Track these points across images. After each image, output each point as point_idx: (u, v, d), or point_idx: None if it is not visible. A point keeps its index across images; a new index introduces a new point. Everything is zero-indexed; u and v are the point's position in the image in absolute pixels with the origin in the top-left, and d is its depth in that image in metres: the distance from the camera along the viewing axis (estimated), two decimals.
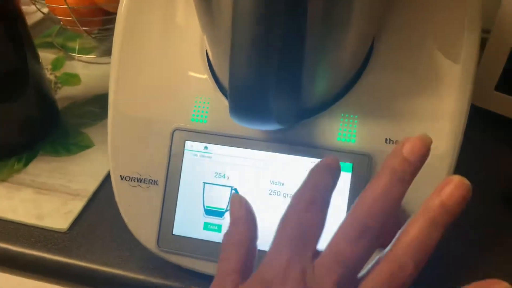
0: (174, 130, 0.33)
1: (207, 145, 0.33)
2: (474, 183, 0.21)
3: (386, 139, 0.31)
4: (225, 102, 0.33)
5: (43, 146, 0.48)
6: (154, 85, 0.34)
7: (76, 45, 0.64)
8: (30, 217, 0.40)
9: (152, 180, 0.34)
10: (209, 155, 0.33)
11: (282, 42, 0.22)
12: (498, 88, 0.45)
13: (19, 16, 0.44)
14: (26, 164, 0.46)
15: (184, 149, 0.33)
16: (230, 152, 0.33)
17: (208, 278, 0.34)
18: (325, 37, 0.27)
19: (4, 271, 0.39)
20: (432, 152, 0.30)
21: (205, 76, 0.33)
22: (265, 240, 0.32)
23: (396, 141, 0.31)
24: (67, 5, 0.53)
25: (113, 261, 0.37)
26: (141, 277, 0.36)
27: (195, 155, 0.33)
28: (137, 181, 0.34)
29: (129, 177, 0.34)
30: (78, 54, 0.62)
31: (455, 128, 0.30)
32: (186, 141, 0.33)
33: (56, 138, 0.49)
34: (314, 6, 0.24)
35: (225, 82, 0.32)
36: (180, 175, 0.33)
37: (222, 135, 0.33)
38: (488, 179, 0.42)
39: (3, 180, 0.44)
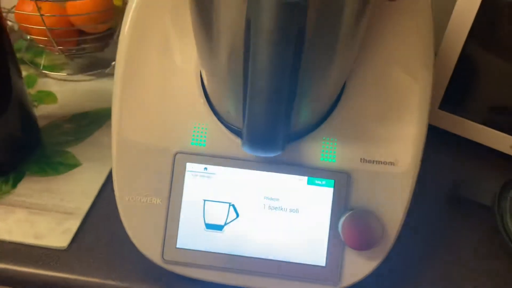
0: (176, 154, 0.37)
1: (207, 166, 0.37)
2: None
3: (361, 159, 0.37)
4: (221, 127, 0.37)
5: (28, 166, 0.49)
6: (155, 113, 0.37)
7: (42, 61, 0.64)
8: (28, 237, 0.42)
9: (156, 200, 0.37)
10: (209, 175, 0.37)
11: (289, 89, 0.27)
12: (441, 107, 0.53)
13: (2, 30, 0.43)
14: (14, 185, 0.47)
15: (185, 170, 0.37)
16: (227, 172, 0.37)
17: (211, 286, 0.38)
18: (313, 78, 0.32)
19: None
20: (396, 169, 0.37)
21: (202, 104, 0.37)
22: (263, 250, 0.37)
23: (370, 160, 0.36)
24: (45, 26, 0.54)
25: (116, 274, 0.40)
26: (144, 287, 0.39)
27: (196, 175, 0.37)
28: (142, 202, 0.37)
29: (134, 199, 0.37)
30: (49, 71, 0.63)
31: (416, 149, 0.36)
32: (187, 163, 0.37)
33: (41, 158, 0.50)
34: (308, 57, 0.29)
35: (219, 108, 0.37)
36: (182, 193, 0.37)
37: (220, 157, 0.37)
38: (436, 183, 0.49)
39: None
